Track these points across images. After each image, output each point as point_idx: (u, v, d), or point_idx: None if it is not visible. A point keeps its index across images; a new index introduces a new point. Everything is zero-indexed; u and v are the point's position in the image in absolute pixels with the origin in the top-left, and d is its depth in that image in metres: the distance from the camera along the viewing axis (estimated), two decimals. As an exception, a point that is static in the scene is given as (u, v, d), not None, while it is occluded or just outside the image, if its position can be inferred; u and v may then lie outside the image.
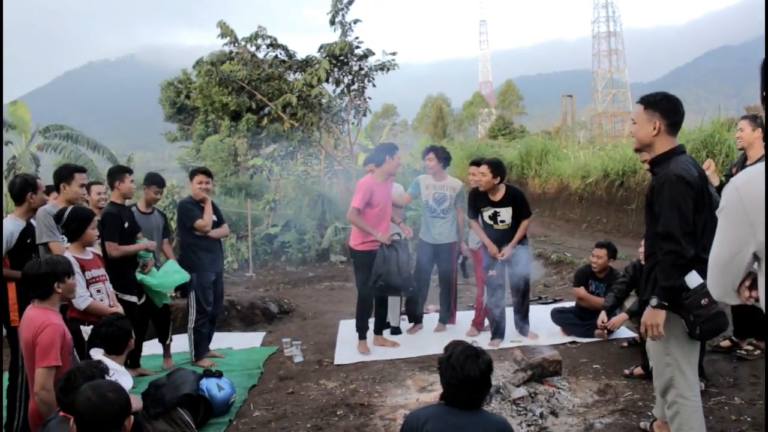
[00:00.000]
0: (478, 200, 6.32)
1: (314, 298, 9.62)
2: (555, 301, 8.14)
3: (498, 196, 6.22)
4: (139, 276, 5.94)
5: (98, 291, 4.68)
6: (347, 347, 6.60)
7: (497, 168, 6.17)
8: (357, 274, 6.40)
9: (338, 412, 4.88)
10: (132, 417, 2.81)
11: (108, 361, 3.96)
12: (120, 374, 4.01)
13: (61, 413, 3.22)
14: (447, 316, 7.09)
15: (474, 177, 6.57)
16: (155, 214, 6.53)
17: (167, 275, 6.10)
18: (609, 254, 6.40)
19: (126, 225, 5.84)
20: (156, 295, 6.07)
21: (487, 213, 6.26)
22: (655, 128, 3.28)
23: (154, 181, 6.45)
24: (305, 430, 4.62)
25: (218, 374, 5.21)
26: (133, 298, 5.77)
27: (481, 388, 2.82)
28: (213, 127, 25.33)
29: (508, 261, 6.27)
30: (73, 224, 4.54)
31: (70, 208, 4.68)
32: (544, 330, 6.58)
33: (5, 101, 21.01)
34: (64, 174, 5.21)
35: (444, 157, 6.87)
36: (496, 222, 6.25)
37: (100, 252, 5.26)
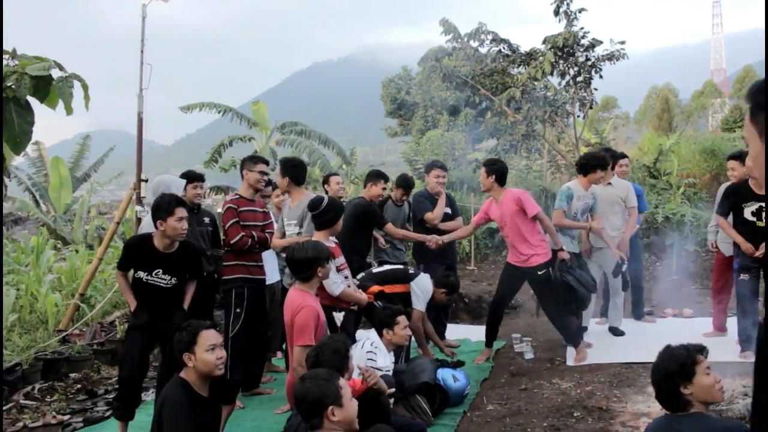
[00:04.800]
0: (738, 195, 5.80)
1: (539, 295, 9.44)
2: (816, 312, 7.24)
3: (765, 190, 5.66)
4: None
5: (345, 278, 4.95)
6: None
7: None
8: None
9: (575, 414, 4.74)
10: (337, 407, 2.85)
11: (375, 338, 4.22)
12: (380, 352, 4.25)
13: None
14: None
15: (734, 172, 6.20)
16: (405, 205, 6.89)
17: None
18: None
19: None
20: None
21: (750, 208, 5.70)
22: None
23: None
24: (542, 428, 4.55)
25: (460, 363, 5.32)
26: None
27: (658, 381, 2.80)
28: (432, 122, 25.90)
29: (764, 264, 5.70)
30: (331, 213, 4.81)
31: (327, 197, 4.96)
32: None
33: (245, 101, 23.10)
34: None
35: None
36: (760, 218, 5.68)
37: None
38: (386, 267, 5.97)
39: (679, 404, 2.73)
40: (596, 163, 6.35)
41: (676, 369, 2.74)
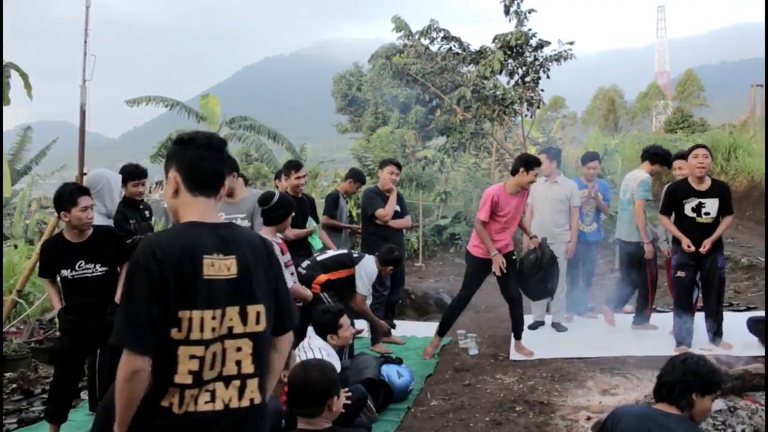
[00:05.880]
0: (678, 192, 5.95)
1: (486, 291, 9.43)
2: (748, 309, 7.53)
3: (704, 187, 5.84)
4: None
5: (292, 274, 4.92)
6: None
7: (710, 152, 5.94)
8: (466, 275, 6.38)
9: (517, 408, 4.82)
10: (336, 398, 2.94)
11: (321, 343, 4.21)
12: (333, 358, 4.24)
13: None
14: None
15: (681, 171, 6.39)
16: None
17: None
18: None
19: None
20: None
21: (690, 205, 5.86)
22: None
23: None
24: (484, 423, 4.61)
25: (399, 361, 5.32)
26: None
27: (666, 373, 2.87)
28: (382, 119, 25.95)
29: (700, 262, 5.87)
30: (281, 210, 4.76)
31: (278, 193, 4.92)
32: (738, 339, 6.08)
33: (195, 95, 22.74)
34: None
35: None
36: (699, 214, 5.83)
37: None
38: (330, 253, 5.90)
39: (680, 404, 2.80)
40: (664, 156, 6.68)
41: (705, 377, 2.81)
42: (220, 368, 2.13)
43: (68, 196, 4.22)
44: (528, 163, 5.93)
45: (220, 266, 2.10)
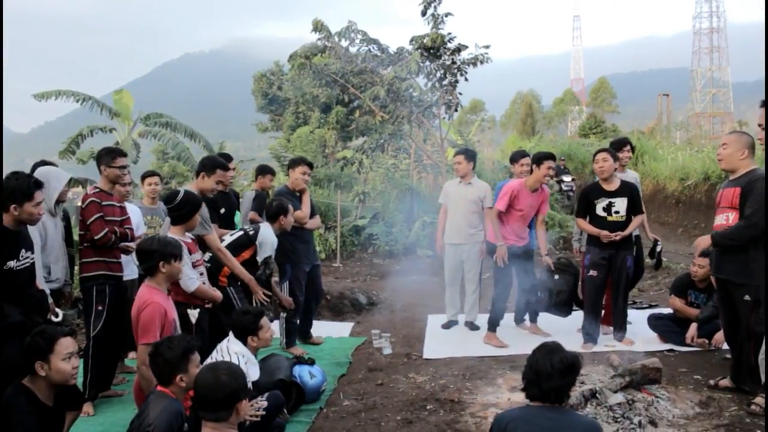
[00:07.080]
0: (591, 194, 6.17)
1: (401, 291, 9.60)
2: (650, 306, 7.87)
3: (613, 187, 6.07)
4: None
5: (201, 274, 4.79)
6: (436, 341, 6.60)
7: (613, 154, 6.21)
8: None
9: (428, 407, 4.87)
10: (245, 402, 2.90)
11: (240, 348, 4.12)
12: (251, 365, 4.15)
13: (159, 388, 3.34)
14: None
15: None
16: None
17: None
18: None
19: (222, 211, 6.05)
20: None
21: (601, 204, 6.07)
22: None
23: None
24: (395, 422, 4.63)
25: (311, 362, 5.28)
26: None
27: (551, 379, 2.83)
28: (303, 119, 25.75)
29: (611, 261, 6.08)
30: (186, 208, 4.63)
31: (182, 191, 4.79)
32: (639, 336, 6.37)
33: (110, 90, 22.00)
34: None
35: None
36: (610, 213, 6.06)
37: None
38: (227, 240, 5.64)
39: (562, 399, 2.86)
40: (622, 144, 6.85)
41: (578, 367, 2.90)
42: None
43: (26, 189, 3.88)
44: (538, 158, 6.33)
45: None
